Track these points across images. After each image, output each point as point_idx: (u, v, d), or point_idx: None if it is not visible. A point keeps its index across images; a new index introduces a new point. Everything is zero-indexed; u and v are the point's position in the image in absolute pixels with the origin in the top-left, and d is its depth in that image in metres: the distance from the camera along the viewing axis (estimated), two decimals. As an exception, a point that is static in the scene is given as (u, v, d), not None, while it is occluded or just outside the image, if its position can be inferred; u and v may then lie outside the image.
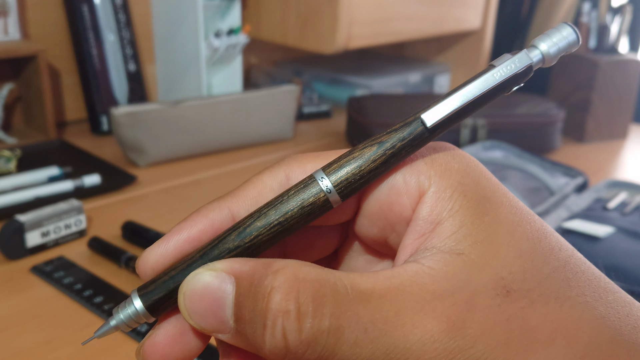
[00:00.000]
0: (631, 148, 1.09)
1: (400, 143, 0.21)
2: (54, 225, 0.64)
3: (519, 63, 0.21)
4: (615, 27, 1.08)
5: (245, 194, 0.23)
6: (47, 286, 0.58)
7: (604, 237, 0.67)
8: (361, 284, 0.19)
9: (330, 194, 0.21)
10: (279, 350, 0.19)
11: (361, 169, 0.21)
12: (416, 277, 0.20)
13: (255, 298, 0.19)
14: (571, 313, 0.20)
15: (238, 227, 0.22)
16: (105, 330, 0.22)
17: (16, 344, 0.50)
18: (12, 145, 0.93)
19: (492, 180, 0.22)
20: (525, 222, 0.21)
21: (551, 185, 0.81)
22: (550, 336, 0.19)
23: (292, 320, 0.19)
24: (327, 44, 1.02)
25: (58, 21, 1.00)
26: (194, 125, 0.91)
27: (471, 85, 0.21)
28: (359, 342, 0.19)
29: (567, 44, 0.21)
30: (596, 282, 0.21)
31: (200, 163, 0.92)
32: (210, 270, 0.20)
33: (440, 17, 1.17)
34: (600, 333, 0.20)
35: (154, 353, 0.22)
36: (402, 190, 0.22)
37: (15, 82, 0.98)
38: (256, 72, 1.27)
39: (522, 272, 0.20)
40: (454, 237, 0.20)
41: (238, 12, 1.05)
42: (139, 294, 0.22)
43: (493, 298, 0.19)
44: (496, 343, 0.19)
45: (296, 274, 0.19)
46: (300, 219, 0.21)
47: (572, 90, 1.10)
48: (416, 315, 0.19)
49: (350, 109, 1.01)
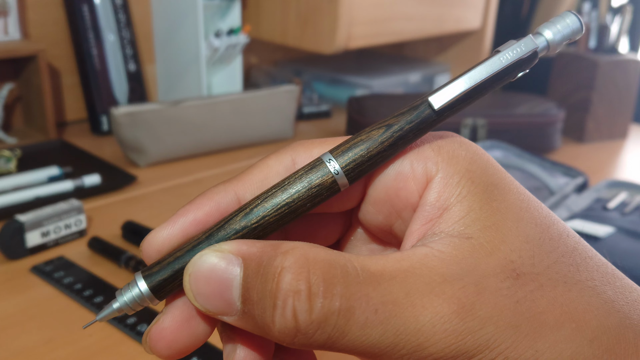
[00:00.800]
0: (631, 148, 1.09)
1: (408, 126, 0.21)
2: (54, 225, 0.64)
3: (525, 47, 0.21)
4: (615, 27, 1.08)
5: (251, 178, 0.23)
6: (47, 286, 0.58)
7: (604, 237, 0.67)
8: (371, 265, 0.19)
9: (338, 175, 0.21)
10: (289, 331, 0.19)
11: (369, 151, 0.21)
12: (425, 260, 0.20)
13: (264, 279, 0.19)
14: (580, 297, 0.20)
15: (245, 209, 0.21)
16: (107, 313, 0.22)
17: (16, 344, 0.50)
18: (12, 145, 0.93)
19: (499, 168, 0.22)
20: (533, 208, 0.21)
21: (551, 185, 0.81)
22: (560, 319, 0.19)
23: (303, 300, 0.18)
24: (327, 44, 1.02)
25: (58, 21, 1.00)
26: (194, 125, 0.91)
27: (478, 69, 0.21)
28: (369, 322, 0.19)
29: (571, 32, 0.21)
30: (604, 268, 0.21)
31: (200, 163, 0.92)
32: (216, 252, 0.20)
33: (440, 17, 1.17)
34: (609, 317, 0.20)
35: (161, 339, 0.21)
36: (409, 176, 0.22)
37: (15, 82, 0.98)
38: (256, 72, 1.27)
39: (530, 257, 0.20)
40: (463, 222, 0.20)
41: (238, 12, 1.05)
42: (143, 276, 0.21)
43: (502, 281, 0.20)
44: (505, 325, 0.19)
45: (306, 254, 0.19)
46: (307, 201, 0.21)
47: (572, 90, 1.10)
48: (426, 297, 0.19)
49: (350, 109, 1.01)
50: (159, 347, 0.21)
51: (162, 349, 0.21)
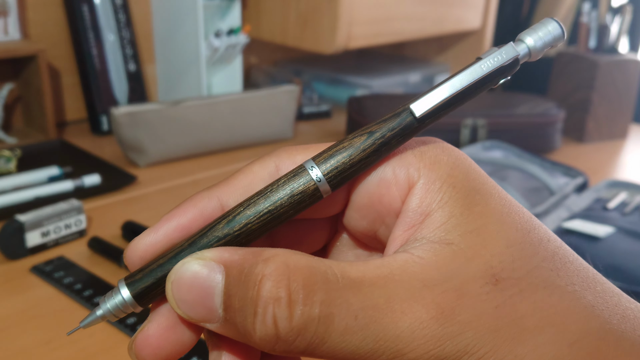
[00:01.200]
0: (631, 148, 1.09)
1: (390, 133, 0.21)
2: (54, 225, 0.64)
3: (506, 55, 0.21)
4: (615, 27, 1.08)
5: (235, 184, 0.23)
6: (47, 286, 0.58)
7: (604, 237, 0.67)
8: (351, 272, 0.20)
9: (320, 183, 0.21)
10: (269, 338, 0.19)
11: (351, 157, 0.21)
12: (406, 266, 0.20)
13: (245, 286, 0.19)
14: (560, 302, 0.20)
15: (227, 216, 0.21)
16: (91, 320, 0.22)
17: (16, 344, 0.50)
18: (12, 145, 0.93)
19: (481, 173, 0.22)
20: (514, 213, 0.21)
21: (551, 185, 0.81)
22: (540, 324, 0.20)
23: (283, 308, 0.19)
24: (327, 44, 1.02)
25: (58, 21, 1.00)
26: (194, 125, 0.91)
27: (459, 77, 0.21)
28: (349, 329, 0.19)
29: (553, 38, 0.21)
30: (584, 272, 0.22)
31: (200, 163, 0.92)
32: (198, 259, 0.20)
33: (440, 17, 1.17)
34: (589, 321, 0.20)
35: (146, 347, 0.21)
36: (391, 182, 0.22)
37: (15, 82, 0.98)
38: (256, 72, 1.27)
39: (511, 262, 0.20)
40: (444, 228, 0.21)
41: (238, 12, 1.05)
42: (126, 283, 0.22)
43: (482, 286, 0.20)
44: (485, 330, 0.19)
45: (287, 261, 0.19)
46: (290, 208, 0.21)
47: (572, 90, 1.10)
48: (406, 303, 0.19)
49: (350, 109, 1.01)
50: (145, 354, 0.21)
51: (147, 356, 0.21)
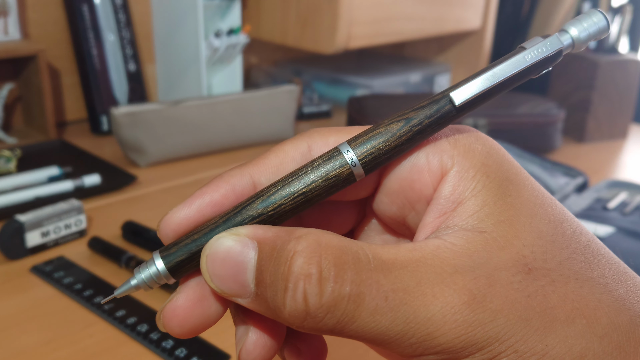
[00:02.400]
0: (631, 148, 1.09)
1: (427, 120, 0.21)
2: (54, 225, 0.64)
3: (550, 46, 0.21)
4: (615, 27, 1.08)
5: (267, 162, 0.23)
6: (47, 286, 0.58)
7: (604, 237, 0.67)
8: (383, 254, 0.20)
9: (355, 167, 0.21)
10: (298, 314, 0.19)
11: (387, 143, 0.21)
12: (438, 251, 0.20)
13: (277, 262, 0.20)
14: (591, 293, 0.20)
15: (262, 195, 0.22)
16: (125, 289, 0.23)
17: (16, 344, 0.50)
18: (12, 145, 0.93)
19: (514, 164, 0.22)
20: (547, 204, 0.21)
21: (551, 185, 0.81)
22: (570, 315, 0.19)
23: (313, 284, 0.19)
24: (327, 44, 1.02)
25: (58, 21, 1.00)
26: (194, 125, 0.91)
27: (502, 66, 0.21)
28: (379, 309, 0.19)
29: (598, 30, 0.21)
30: (616, 266, 0.22)
31: (200, 163, 0.92)
32: (233, 235, 0.21)
33: (440, 17, 1.17)
34: (620, 314, 0.20)
35: (174, 317, 0.22)
36: (424, 168, 0.22)
37: (15, 82, 0.98)
38: (256, 72, 1.27)
39: (543, 252, 0.20)
40: (477, 216, 0.21)
41: (238, 12, 1.05)
42: (161, 255, 0.22)
43: (514, 275, 0.20)
44: (517, 319, 0.19)
45: (319, 240, 0.19)
46: (323, 191, 0.21)
47: (572, 90, 1.10)
48: (437, 287, 0.19)
49: (351, 109, 1.01)
50: (172, 324, 0.22)
51: (174, 327, 0.22)
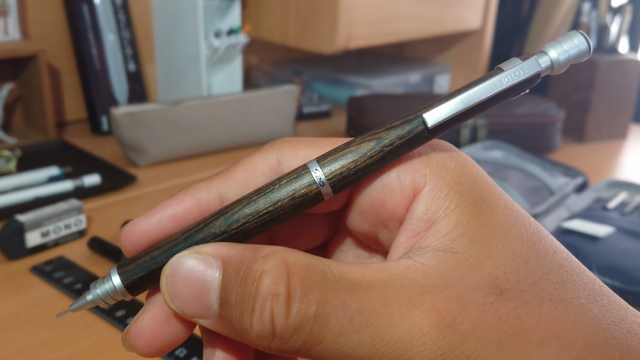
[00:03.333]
0: (631, 148, 1.09)
1: (399, 141, 0.21)
2: (54, 225, 0.64)
3: (528, 70, 0.20)
4: (615, 27, 1.08)
5: (234, 176, 0.23)
6: (47, 286, 0.58)
7: (604, 237, 0.67)
8: (350, 273, 0.19)
9: (323, 186, 0.21)
10: (266, 335, 0.19)
11: (356, 163, 0.21)
12: (407, 272, 0.19)
13: (244, 282, 0.19)
14: (566, 315, 0.20)
15: (225, 212, 0.21)
16: (80, 304, 0.22)
17: (16, 344, 0.50)
18: (12, 145, 0.93)
19: (489, 181, 0.22)
20: (521, 224, 0.21)
21: (551, 185, 0.81)
22: (545, 337, 0.19)
23: (280, 304, 0.18)
24: (327, 44, 1.02)
25: (58, 21, 1.00)
26: (194, 125, 0.91)
27: (477, 88, 0.21)
28: (345, 330, 0.18)
29: (578, 53, 0.20)
30: (591, 285, 0.21)
31: (200, 163, 0.92)
32: (195, 254, 0.20)
33: (440, 17, 1.17)
34: (595, 336, 0.20)
35: (140, 338, 0.21)
36: (396, 188, 0.21)
37: (15, 82, 0.98)
38: (256, 72, 1.27)
39: (516, 273, 0.20)
40: (449, 236, 0.20)
41: (238, 12, 1.05)
42: (118, 272, 0.21)
43: (486, 296, 0.19)
44: (488, 342, 0.19)
45: (286, 259, 0.19)
46: (290, 209, 0.21)
47: (572, 90, 1.10)
48: (404, 308, 0.18)
49: (350, 109, 1.01)
50: (138, 345, 0.21)
51: (141, 347, 0.21)
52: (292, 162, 0.22)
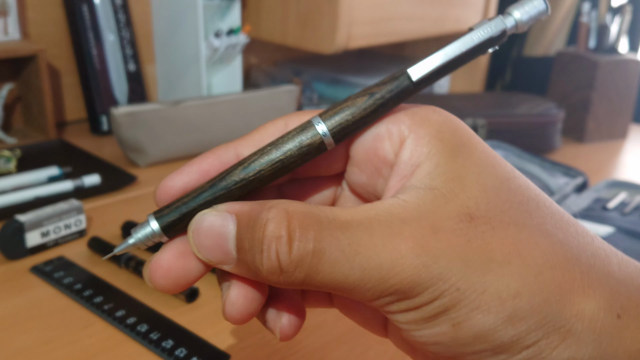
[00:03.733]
0: (631, 148, 1.09)
1: (389, 94, 0.24)
2: (54, 225, 0.64)
3: (495, 27, 0.24)
4: (615, 27, 1.08)
5: (250, 138, 0.27)
6: (47, 286, 0.58)
7: (604, 237, 0.67)
8: (342, 215, 0.22)
9: (325, 137, 0.24)
10: (274, 270, 0.22)
11: (354, 115, 0.24)
12: (390, 208, 0.22)
13: (253, 229, 0.22)
14: (529, 237, 0.22)
15: (243, 163, 0.24)
16: (124, 247, 0.26)
17: (16, 344, 0.50)
18: (12, 145, 0.93)
19: (468, 131, 0.25)
20: (497, 164, 0.24)
21: (551, 185, 0.81)
22: (507, 257, 0.22)
23: (283, 244, 0.22)
24: (327, 44, 1.02)
25: (58, 21, 1.00)
26: (194, 125, 0.91)
27: (452, 45, 0.24)
28: (338, 261, 0.22)
29: (538, 12, 0.24)
30: (559, 216, 0.24)
31: (200, 163, 0.92)
32: (214, 211, 0.23)
33: (440, 17, 1.17)
34: (556, 255, 0.22)
35: (159, 269, 0.24)
36: (385, 136, 0.24)
37: (15, 82, 0.98)
38: (256, 72, 1.27)
39: (486, 203, 0.22)
40: (430, 176, 0.23)
41: (238, 12, 1.05)
42: (155, 217, 0.25)
43: (457, 223, 0.22)
44: (457, 260, 0.21)
45: (286, 208, 0.22)
46: (298, 158, 0.24)
47: (572, 90, 1.10)
48: (387, 238, 0.22)
49: (350, 109, 1.01)
50: (157, 276, 0.24)
51: (159, 278, 0.24)
52: (298, 124, 0.25)
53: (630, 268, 0.23)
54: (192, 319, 0.53)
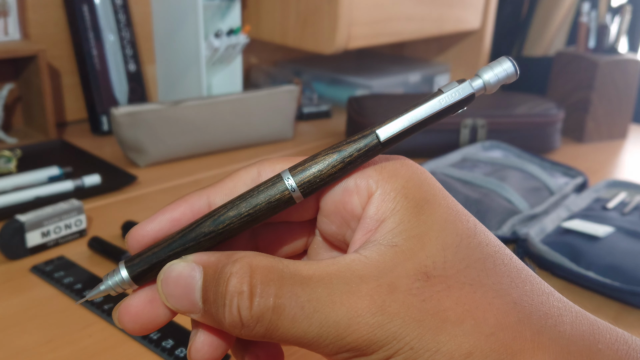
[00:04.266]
0: (630, 148, 1.09)
1: (357, 153, 0.25)
2: (54, 225, 0.64)
3: (462, 92, 0.24)
4: (615, 27, 1.08)
5: (222, 186, 0.27)
6: (47, 286, 0.58)
7: (604, 237, 0.67)
8: (304, 270, 0.23)
9: (294, 192, 0.25)
10: (235, 324, 0.23)
11: (322, 172, 0.25)
12: (351, 264, 0.23)
13: (217, 282, 0.23)
14: (483, 297, 0.23)
15: (213, 215, 0.25)
16: (95, 293, 0.26)
17: (16, 344, 0.50)
18: (12, 145, 0.93)
19: (434, 186, 0.25)
20: (458, 220, 0.24)
21: (551, 185, 0.81)
22: (461, 317, 0.22)
23: (244, 299, 0.22)
24: (327, 44, 1.02)
25: (58, 21, 1.01)
26: (194, 125, 0.91)
27: (420, 108, 0.24)
28: (297, 317, 0.22)
29: (506, 75, 0.24)
30: (516, 274, 0.24)
31: (200, 163, 0.92)
32: (182, 261, 0.24)
33: (440, 17, 1.17)
34: (508, 316, 0.22)
35: (127, 314, 0.25)
36: (353, 191, 0.25)
37: (15, 82, 0.98)
38: (256, 72, 1.27)
39: (443, 262, 0.23)
40: (392, 232, 0.24)
41: (238, 12, 1.05)
42: (126, 265, 0.26)
43: (414, 282, 0.22)
44: (411, 320, 0.22)
45: (251, 261, 0.23)
46: (267, 212, 0.25)
47: (571, 90, 1.10)
48: (345, 295, 0.22)
49: (350, 109, 1.01)
50: (125, 320, 0.25)
51: (127, 322, 0.25)
52: (270, 174, 0.26)
53: (584, 326, 0.24)
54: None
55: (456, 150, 0.91)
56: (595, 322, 0.24)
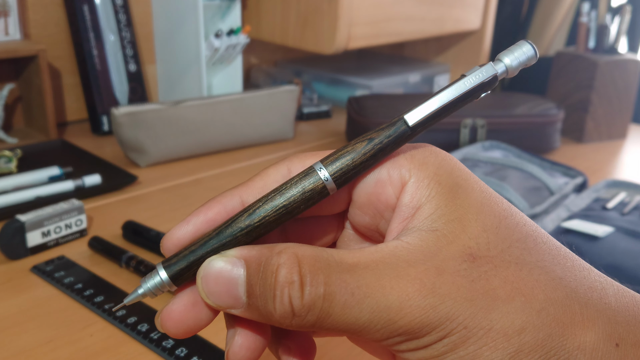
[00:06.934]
0: (630, 148, 1.09)
1: (387, 139, 0.25)
2: (55, 225, 0.64)
3: (486, 73, 0.25)
4: (615, 27, 1.08)
5: (253, 184, 0.27)
6: (47, 286, 0.58)
7: (603, 237, 0.67)
8: (348, 258, 0.23)
9: (327, 182, 0.24)
10: (287, 315, 0.23)
11: (354, 160, 0.25)
12: (395, 251, 0.23)
13: (264, 275, 0.23)
14: (529, 275, 0.23)
15: (248, 210, 0.25)
16: (134, 297, 0.26)
17: (16, 344, 0.50)
18: (12, 145, 0.93)
19: (464, 170, 0.26)
20: (493, 203, 0.25)
21: (551, 185, 0.81)
22: (510, 294, 0.23)
23: (296, 289, 0.22)
24: (327, 44, 1.02)
25: (59, 21, 1.01)
26: (194, 125, 0.91)
27: (446, 91, 0.25)
28: (348, 304, 0.22)
29: (527, 58, 0.25)
30: (556, 251, 0.25)
31: (200, 163, 0.92)
32: (222, 257, 0.24)
33: (440, 17, 1.17)
34: (555, 291, 0.23)
35: (170, 319, 0.25)
36: (386, 181, 0.25)
37: (15, 82, 0.98)
38: (256, 72, 1.27)
39: (486, 243, 0.23)
40: (431, 218, 0.24)
41: (238, 13, 1.05)
42: (164, 266, 0.25)
43: (460, 264, 0.23)
44: (462, 300, 0.22)
45: (296, 252, 0.23)
46: (301, 203, 0.25)
47: (571, 90, 1.10)
48: (394, 280, 0.22)
49: (350, 109, 1.01)
50: (168, 325, 0.25)
51: (170, 328, 0.25)
52: (300, 169, 0.26)
53: (627, 298, 0.24)
54: (192, 318, 0.53)
55: (456, 150, 0.91)
56: (636, 295, 0.25)
